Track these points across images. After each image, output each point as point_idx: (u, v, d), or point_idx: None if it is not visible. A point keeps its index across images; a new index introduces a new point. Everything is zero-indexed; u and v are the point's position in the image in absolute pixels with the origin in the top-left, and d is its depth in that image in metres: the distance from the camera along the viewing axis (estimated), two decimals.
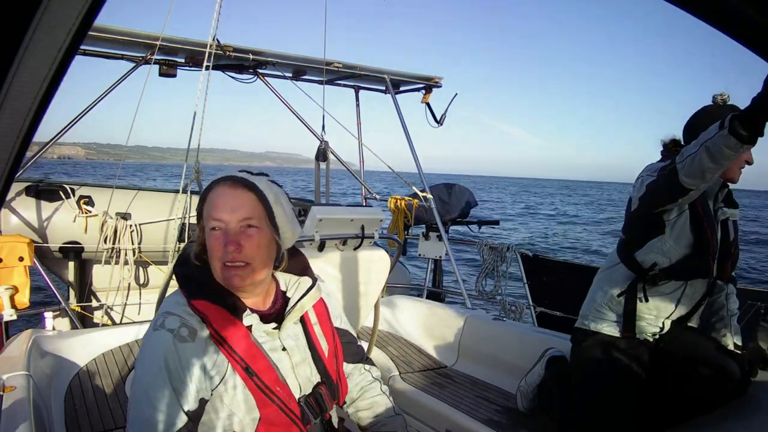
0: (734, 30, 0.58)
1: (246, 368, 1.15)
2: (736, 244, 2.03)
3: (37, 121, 0.47)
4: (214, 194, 1.18)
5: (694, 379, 1.91)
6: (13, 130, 0.46)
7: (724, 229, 2.02)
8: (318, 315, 1.35)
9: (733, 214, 2.03)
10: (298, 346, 1.28)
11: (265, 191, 1.19)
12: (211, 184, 1.21)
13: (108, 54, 3.92)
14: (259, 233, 1.17)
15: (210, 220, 1.16)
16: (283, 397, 1.19)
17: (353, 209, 2.33)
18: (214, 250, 1.16)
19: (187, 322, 1.14)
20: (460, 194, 5.24)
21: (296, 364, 1.25)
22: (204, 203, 1.19)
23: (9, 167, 0.48)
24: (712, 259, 1.96)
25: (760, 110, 1.40)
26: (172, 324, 1.14)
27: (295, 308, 1.26)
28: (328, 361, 1.31)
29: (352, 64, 4.52)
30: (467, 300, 3.70)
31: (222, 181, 1.19)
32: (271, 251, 1.22)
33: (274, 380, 1.18)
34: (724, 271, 2.01)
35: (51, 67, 0.43)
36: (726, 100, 1.92)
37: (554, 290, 5.52)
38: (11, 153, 0.47)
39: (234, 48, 3.88)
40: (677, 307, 2.01)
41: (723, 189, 2.04)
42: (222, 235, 1.15)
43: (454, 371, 2.97)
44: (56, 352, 2.55)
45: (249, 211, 1.16)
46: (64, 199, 3.98)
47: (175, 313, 1.16)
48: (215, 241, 1.15)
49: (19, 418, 1.65)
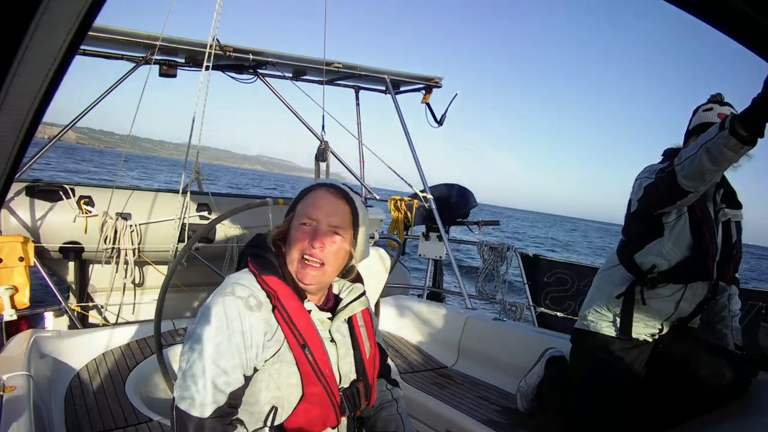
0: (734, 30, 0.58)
1: (303, 345, 1.21)
2: (739, 245, 2.02)
3: (36, 121, 0.47)
4: (316, 194, 1.30)
5: (694, 380, 1.90)
6: (13, 130, 0.46)
7: (726, 231, 2.00)
8: (365, 321, 1.42)
9: (735, 215, 2.02)
10: (345, 342, 1.35)
11: (359, 209, 1.32)
12: (316, 185, 1.33)
13: (108, 54, 3.92)
14: (342, 241, 1.28)
15: (304, 216, 1.27)
16: (329, 379, 1.25)
17: None
18: (299, 242, 1.25)
19: (255, 293, 1.22)
20: (460, 194, 5.24)
21: (341, 356, 1.32)
22: (302, 200, 1.31)
23: (9, 167, 0.48)
24: (712, 261, 1.95)
25: (761, 111, 1.40)
26: (242, 292, 1.20)
27: (347, 307, 1.35)
28: (368, 362, 1.38)
29: (352, 64, 4.52)
30: (467, 300, 3.70)
31: (327, 186, 1.32)
32: (343, 261, 1.32)
33: (323, 361, 1.24)
34: (726, 273, 2.00)
35: (51, 67, 0.43)
36: (721, 100, 1.94)
37: (554, 290, 5.53)
38: (11, 153, 0.47)
39: (234, 48, 3.88)
40: (677, 310, 2.00)
41: (719, 190, 2.04)
42: (311, 231, 1.25)
43: (454, 371, 2.97)
44: (56, 352, 2.55)
45: (340, 220, 1.28)
46: (64, 199, 3.97)
47: (244, 284, 1.23)
48: (302, 234, 1.25)
49: (19, 418, 1.65)
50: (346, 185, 1.36)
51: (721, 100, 1.97)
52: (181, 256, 2.37)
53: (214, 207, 4.32)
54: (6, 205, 3.71)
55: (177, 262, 2.34)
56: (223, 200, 4.39)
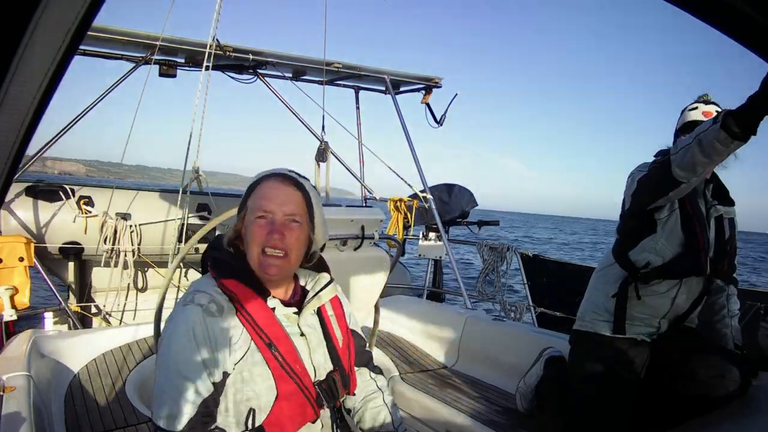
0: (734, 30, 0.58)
1: (269, 344, 1.21)
2: (732, 241, 2.03)
3: (36, 121, 0.47)
4: (265, 186, 1.27)
5: (693, 380, 1.90)
6: (13, 130, 0.46)
7: (719, 227, 2.01)
8: (334, 309, 1.42)
9: (728, 212, 2.03)
10: (315, 334, 1.34)
11: (310, 193, 1.31)
12: (261, 177, 1.29)
13: (108, 54, 3.92)
14: (300, 228, 1.27)
15: (258, 210, 1.24)
16: (301, 375, 1.24)
17: (353, 210, 2.33)
18: (257, 236, 1.23)
19: (216, 299, 1.21)
20: (460, 195, 5.24)
21: (313, 349, 1.31)
22: (252, 194, 1.28)
23: (8, 167, 0.48)
24: (704, 256, 1.96)
25: (755, 108, 1.42)
26: (201, 300, 1.20)
27: (313, 299, 1.34)
28: (341, 351, 1.37)
29: (352, 65, 4.52)
30: (467, 300, 3.70)
31: (273, 176, 1.29)
32: (305, 247, 1.31)
33: (294, 358, 1.24)
34: (719, 269, 2.01)
35: (50, 67, 0.43)
36: (707, 100, 1.98)
37: (554, 290, 5.53)
38: (10, 153, 0.47)
39: (234, 48, 3.88)
40: (672, 306, 2.01)
41: (708, 186, 2.04)
42: (267, 224, 1.23)
43: (454, 371, 2.97)
44: (56, 353, 2.55)
45: (295, 208, 1.26)
46: (64, 200, 3.98)
47: (205, 291, 1.23)
48: (259, 228, 1.23)
49: (19, 419, 1.65)
50: (293, 171, 1.33)
51: (707, 100, 2.01)
52: (181, 257, 2.37)
53: (214, 207, 4.32)
54: (6, 206, 3.71)
55: (177, 263, 2.34)
56: (223, 200, 4.39)
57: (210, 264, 1.30)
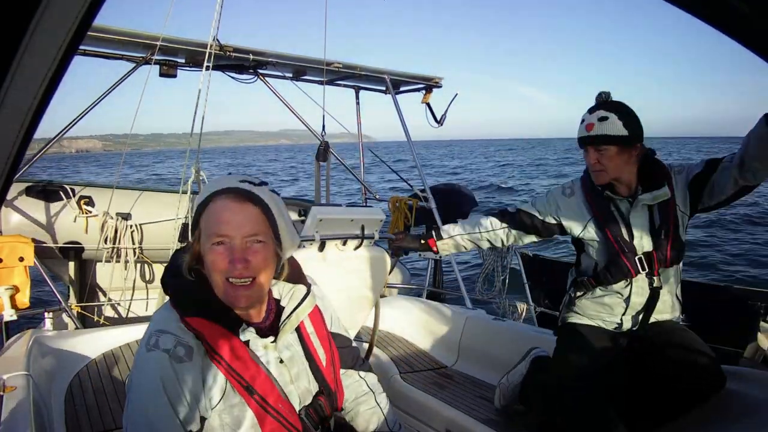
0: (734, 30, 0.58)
1: (247, 386, 1.12)
2: (667, 228, 1.94)
3: (36, 120, 0.47)
4: (217, 207, 1.11)
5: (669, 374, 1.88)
6: (13, 129, 0.46)
7: (651, 217, 1.96)
8: (314, 323, 1.32)
9: (656, 197, 1.92)
10: (295, 358, 1.25)
11: (270, 204, 1.14)
12: (211, 194, 1.12)
13: (108, 54, 3.92)
14: (264, 248, 1.13)
15: (213, 236, 1.10)
16: (285, 413, 1.16)
17: (353, 209, 2.33)
18: (218, 265, 1.10)
19: (182, 340, 1.09)
20: (461, 194, 5.24)
21: (295, 376, 1.23)
22: (203, 214, 1.12)
23: (9, 167, 0.48)
24: (626, 259, 1.95)
25: None
26: (166, 344, 1.08)
27: (290, 319, 1.24)
28: (326, 371, 1.29)
29: (353, 64, 4.52)
30: (467, 300, 3.70)
31: (224, 193, 1.12)
32: (274, 264, 1.19)
33: (276, 398, 1.16)
34: (661, 260, 1.95)
35: (50, 66, 0.43)
36: (599, 103, 1.95)
37: (554, 290, 5.52)
38: (11, 153, 0.47)
39: (234, 48, 3.88)
40: (629, 304, 2.00)
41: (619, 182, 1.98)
42: (226, 251, 1.10)
43: (454, 371, 2.97)
44: (56, 352, 2.55)
45: (255, 227, 1.11)
46: (65, 199, 3.98)
47: (169, 331, 1.10)
48: (218, 256, 1.10)
49: (19, 418, 1.65)
50: (245, 178, 1.16)
51: (599, 103, 1.95)
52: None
53: None
54: (6, 205, 3.72)
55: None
56: None
57: (171, 296, 1.17)
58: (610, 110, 1.89)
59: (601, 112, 1.90)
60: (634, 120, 1.89)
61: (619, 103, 1.95)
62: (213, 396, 1.10)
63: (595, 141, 1.89)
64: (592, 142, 1.91)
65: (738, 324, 4.50)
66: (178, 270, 1.17)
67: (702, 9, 0.58)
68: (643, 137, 1.93)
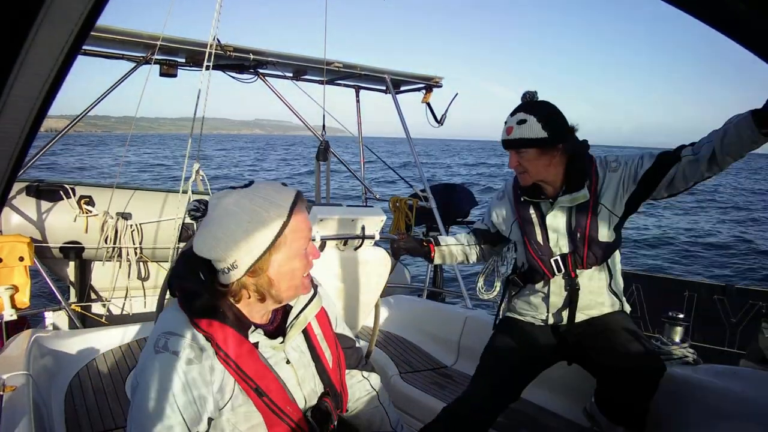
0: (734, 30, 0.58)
1: (256, 388, 1.12)
2: (584, 229, 1.92)
3: (39, 120, 0.47)
4: (302, 218, 1.16)
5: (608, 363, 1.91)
6: (16, 129, 0.46)
7: (568, 218, 1.95)
8: (321, 325, 1.33)
9: (574, 199, 1.91)
10: (303, 358, 1.26)
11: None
12: (292, 207, 1.12)
13: (108, 54, 3.92)
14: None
15: (304, 243, 1.16)
16: (293, 415, 1.17)
17: (354, 209, 2.33)
18: (304, 269, 1.18)
19: (192, 342, 1.09)
20: (461, 194, 5.24)
21: (301, 378, 1.23)
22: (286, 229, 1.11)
23: (11, 167, 0.48)
24: (542, 260, 1.98)
25: None
26: (175, 346, 1.07)
27: (298, 320, 1.24)
28: (332, 372, 1.30)
29: (353, 64, 4.52)
30: (467, 300, 3.70)
31: (299, 199, 1.16)
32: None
33: (284, 400, 1.16)
34: (574, 263, 1.95)
35: (53, 67, 0.43)
36: (521, 105, 1.93)
37: None
38: (13, 152, 0.47)
39: (234, 48, 3.88)
40: (549, 303, 2.03)
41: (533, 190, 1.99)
42: (306, 255, 1.18)
43: (454, 371, 2.97)
44: (56, 352, 2.56)
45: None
46: (65, 199, 3.98)
47: (178, 333, 1.09)
48: (307, 260, 1.18)
49: (19, 418, 1.65)
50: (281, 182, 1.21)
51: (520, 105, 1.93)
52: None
53: None
54: (7, 205, 3.71)
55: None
56: None
57: (180, 298, 1.15)
58: (530, 112, 1.86)
59: (520, 114, 1.88)
60: (554, 121, 1.86)
61: (541, 103, 1.92)
62: (221, 398, 1.10)
63: (514, 144, 1.88)
64: (511, 146, 1.90)
65: (738, 324, 4.52)
66: (187, 269, 1.17)
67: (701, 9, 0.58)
68: (569, 135, 1.91)
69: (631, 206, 1.91)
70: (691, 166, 1.72)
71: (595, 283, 1.99)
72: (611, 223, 1.93)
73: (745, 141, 1.54)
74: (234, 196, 1.11)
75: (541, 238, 1.99)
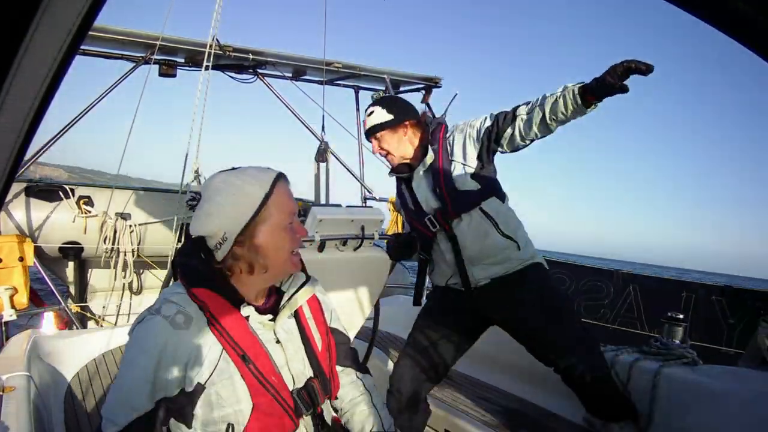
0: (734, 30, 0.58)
1: (242, 356, 1.16)
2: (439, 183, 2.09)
3: (37, 121, 0.47)
4: (284, 191, 1.23)
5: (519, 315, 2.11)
6: (14, 130, 0.46)
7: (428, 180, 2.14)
8: (312, 310, 1.37)
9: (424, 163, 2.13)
10: (292, 340, 1.29)
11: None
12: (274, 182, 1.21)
13: (108, 54, 3.92)
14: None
15: (288, 216, 1.22)
16: (278, 387, 1.19)
17: (353, 210, 2.33)
18: (290, 243, 1.23)
19: (184, 309, 1.15)
20: None
21: (290, 357, 1.26)
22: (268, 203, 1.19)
23: (9, 167, 0.48)
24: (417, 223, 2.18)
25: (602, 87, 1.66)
26: (168, 311, 1.14)
27: (289, 302, 1.30)
28: (321, 356, 1.32)
29: (352, 64, 4.52)
30: None
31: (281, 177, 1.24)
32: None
33: (269, 369, 1.19)
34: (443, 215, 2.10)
35: (51, 66, 0.43)
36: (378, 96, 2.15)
37: None
38: (11, 153, 0.47)
39: (234, 48, 3.88)
40: (446, 263, 2.17)
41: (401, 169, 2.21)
42: (293, 228, 1.24)
43: (454, 371, 2.97)
44: (56, 353, 2.55)
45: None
46: (64, 200, 3.98)
47: (173, 300, 1.16)
48: (292, 234, 1.23)
49: (19, 419, 1.65)
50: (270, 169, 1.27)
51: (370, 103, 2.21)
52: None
53: None
54: (6, 205, 3.71)
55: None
56: None
57: (180, 271, 1.23)
58: (375, 105, 2.18)
59: (369, 108, 2.20)
60: (396, 104, 2.18)
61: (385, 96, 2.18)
62: (206, 365, 1.14)
63: (369, 132, 2.19)
64: (369, 134, 2.20)
65: (737, 324, 4.52)
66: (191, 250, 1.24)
67: (701, 9, 0.58)
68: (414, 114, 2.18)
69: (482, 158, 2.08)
70: (525, 126, 1.93)
71: (475, 231, 2.09)
72: (467, 174, 2.08)
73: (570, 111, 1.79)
74: (222, 175, 1.22)
75: (412, 204, 2.19)
